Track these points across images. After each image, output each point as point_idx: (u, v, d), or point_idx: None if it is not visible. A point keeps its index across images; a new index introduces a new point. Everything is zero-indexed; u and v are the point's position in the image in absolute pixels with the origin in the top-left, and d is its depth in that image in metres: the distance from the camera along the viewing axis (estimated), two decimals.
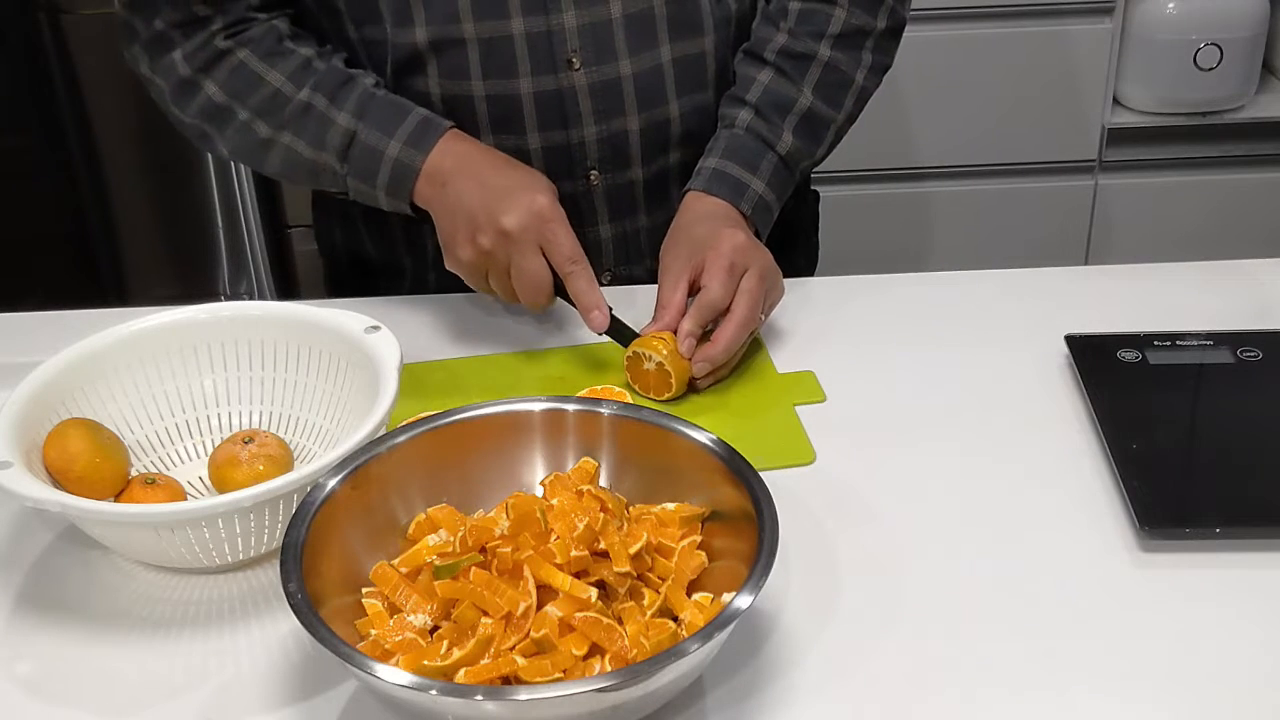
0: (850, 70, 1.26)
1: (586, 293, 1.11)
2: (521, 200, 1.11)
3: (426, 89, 1.20)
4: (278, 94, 1.17)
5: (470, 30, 1.17)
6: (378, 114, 1.16)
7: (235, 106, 1.18)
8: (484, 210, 1.11)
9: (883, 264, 1.49)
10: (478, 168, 1.14)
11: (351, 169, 1.17)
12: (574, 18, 1.18)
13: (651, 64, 1.22)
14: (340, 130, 1.16)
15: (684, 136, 1.26)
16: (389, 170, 1.16)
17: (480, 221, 1.11)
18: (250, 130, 1.18)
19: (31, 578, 0.96)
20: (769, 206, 1.23)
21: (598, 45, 1.20)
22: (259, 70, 1.17)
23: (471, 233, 1.12)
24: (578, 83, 1.20)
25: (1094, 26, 2.25)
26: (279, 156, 1.19)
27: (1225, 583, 0.91)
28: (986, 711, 0.82)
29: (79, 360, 1.02)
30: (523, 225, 1.10)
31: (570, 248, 1.11)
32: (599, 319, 1.11)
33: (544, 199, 1.11)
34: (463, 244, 1.13)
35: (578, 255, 1.11)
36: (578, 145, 1.23)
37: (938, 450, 1.05)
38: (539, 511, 0.84)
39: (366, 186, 1.17)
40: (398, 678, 0.73)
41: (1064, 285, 1.28)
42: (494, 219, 1.10)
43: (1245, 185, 2.38)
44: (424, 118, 1.17)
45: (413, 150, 1.15)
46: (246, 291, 2.47)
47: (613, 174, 1.26)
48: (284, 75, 1.17)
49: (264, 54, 1.18)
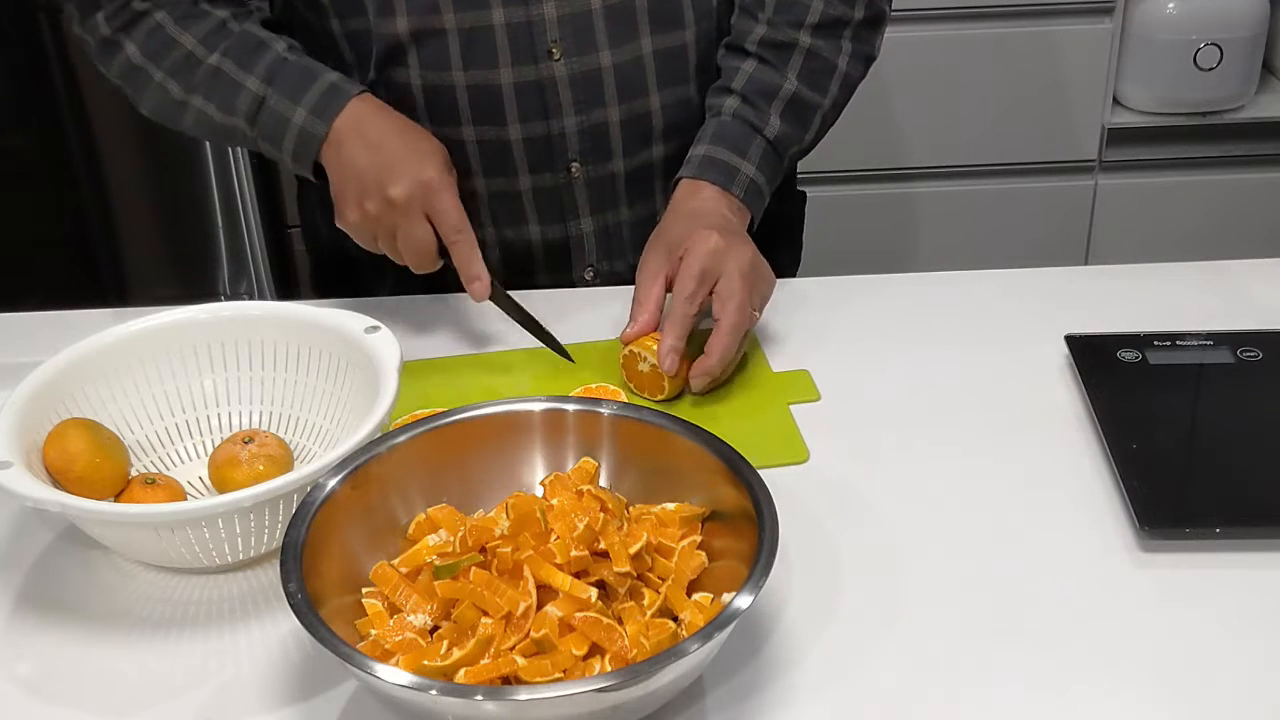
0: (832, 57, 1.26)
1: (469, 262, 1.14)
2: (409, 169, 1.13)
3: (408, 80, 1.21)
4: (190, 56, 1.19)
5: (451, 20, 1.18)
6: (286, 80, 1.18)
7: (150, 68, 1.20)
8: (373, 176, 1.13)
9: (883, 264, 1.49)
10: (374, 133, 1.16)
11: (259, 133, 1.19)
12: (554, 8, 1.19)
13: (632, 55, 1.23)
14: (249, 95, 1.18)
15: (665, 130, 1.27)
16: (294, 137, 1.17)
17: (369, 187, 1.14)
18: (165, 91, 1.20)
19: (31, 578, 0.96)
20: (760, 190, 1.23)
21: (578, 36, 1.20)
22: (173, 33, 1.19)
23: (359, 197, 1.14)
24: (558, 73, 1.21)
25: (1094, 26, 2.25)
26: (191, 118, 1.21)
27: (1225, 583, 0.91)
28: (986, 711, 0.82)
29: (79, 360, 1.02)
30: (409, 194, 1.12)
31: (456, 217, 1.13)
32: (480, 288, 1.14)
33: (431, 169, 1.13)
34: (351, 207, 1.15)
35: (463, 225, 1.14)
36: (558, 136, 1.24)
37: (937, 450, 1.05)
38: (539, 511, 0.84)
39: (274, 150, 1.19)
40: (398, 678, 0.73)
41: (1064, 285, 1.28)
42: (381, 186, 1.13)
43: (1245, 185, 2.38)
44: (330, 84, 1.17)
45: (316, 119, 1.16)
46: (246, 291, 2.47)
47: (594, 166, 1.26)
48: (196, 38, 1.19)
49: (179, 16, 1.19)
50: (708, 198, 1.20)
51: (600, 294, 1.26)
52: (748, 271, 1.12)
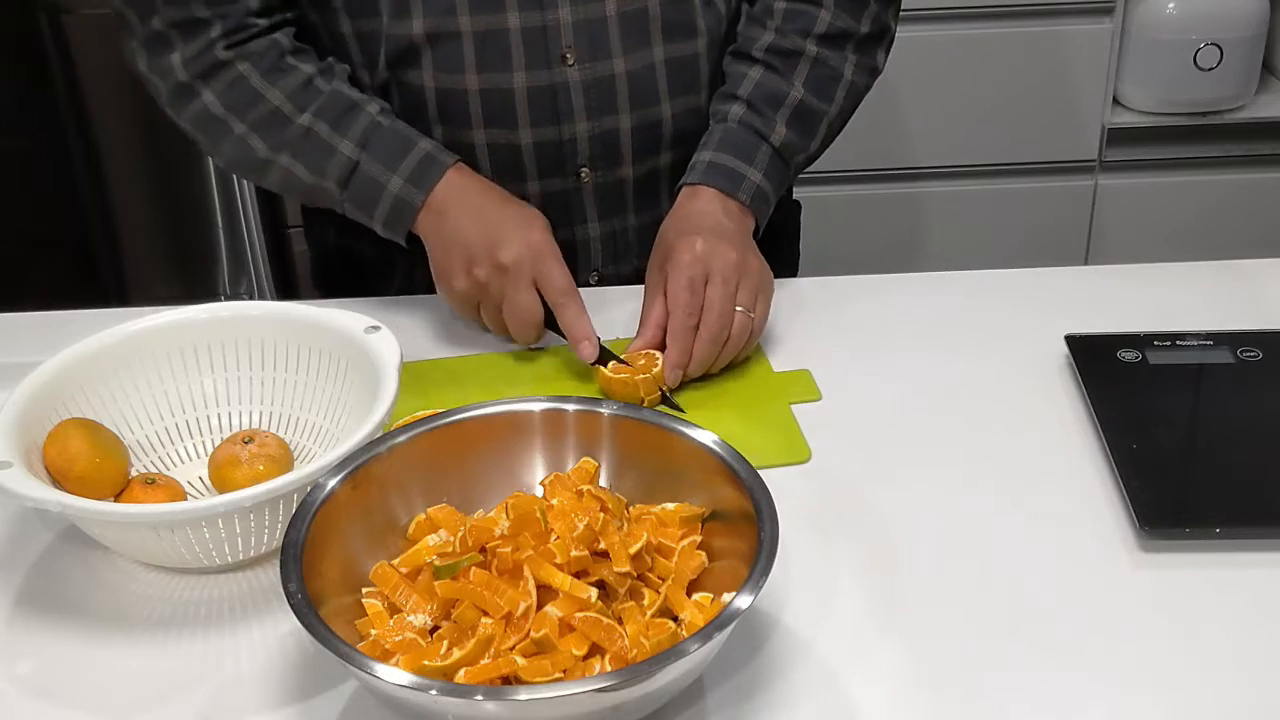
0: (839, 66, 1.27)
1: (577, 325, 1.14)
2: (518, 235, 1.13)
3: (421, 81, 1.21)
4: (277, 112, 1.18)
5: (466, 23, 1.18)
6: (381, 146, 1.17)
7: (232, 121, 1.18)
8: (481, 243, 1.13)
9: (882, 264, 1.49)
10: (476, 201, 1.16)
11: (350, 197, 1.19)
12: (569, 13, 1.19)
13: (644, 63, 1.23)
14: (342, 160, 1.17)
15: (675, 137, 1.27)
16: (388, 205, 1.17)
17: (477, 254, 1.13)
18: (247, 145, 1.19)
19: (31, 578, 0.96)
20: (766, 196, 1.23)
21: (592, 42, 1.20)
22: (259, 87, 1.17)
23: (468, 264, 1.14)
24: (571, 79, 1.21)
25: (1094, 26, 2.25)
26: (277, 175, 1.20)
27: (1225, 583, 0.91)
28: (986, 711, 0.82)
29: (79, 360, 1.02)
30: (518, 259, 1.13)
31: (564, 282, 1.14)
32: (589, 350, 1.13)
33: (539, 235, 1.14)
34: (458, 274, 1.15)
35: (570, 289, 1.14)
36: (569, 141, 1.24)
37: (937, 450, 1.05)
38: (539, 511, 0.84)
39: (364, 215, 1.19)
40: (398, 678, 0.73)
41: (1064, 285, 1.28)
42: (491, 252, 1.13)
43: (1245, 185, 2.38)
44: (426, 154, 1.18)
45: (414, 188, 1.17)
46: (246, 291, 2.47)
47: (604, 171, 1.26)
48: (284, 94, 1.18)
49: (265, 70, 1.18)
50: (704, 201, 1.20)
51: (606, 294, 1.26)
52: (731, 274, 1.12)
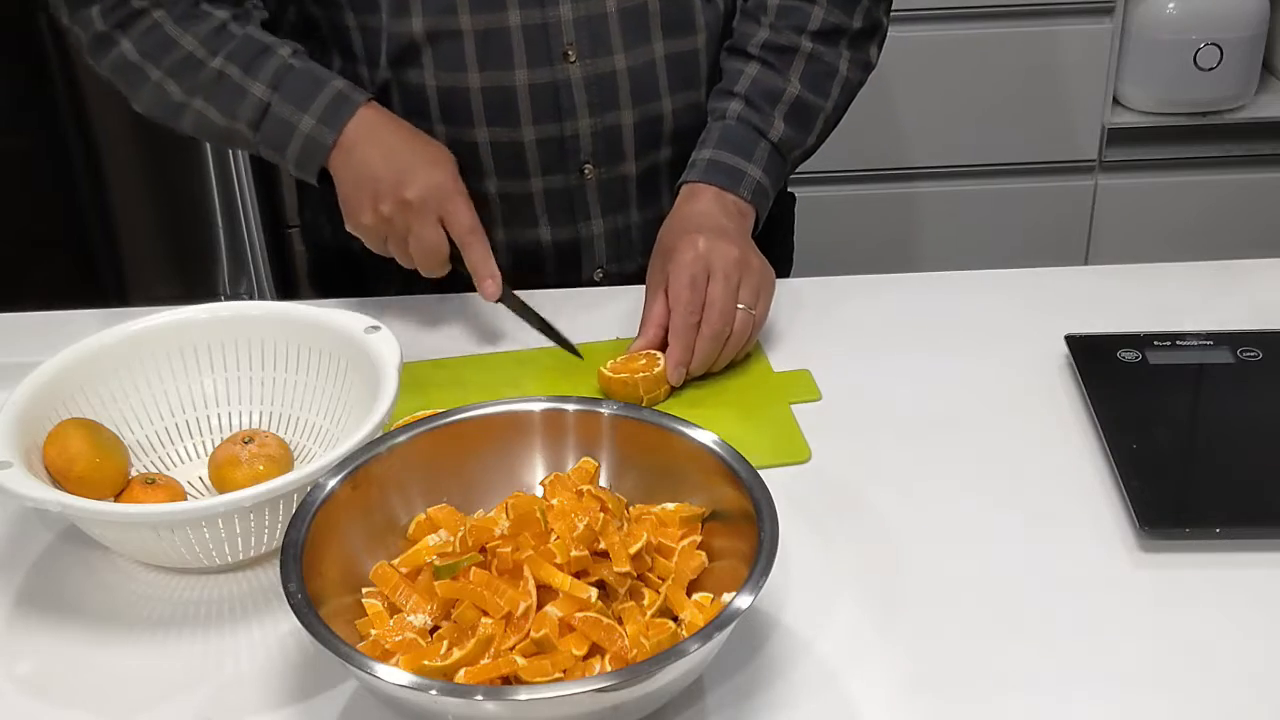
0: (834, 62, 1.27)
1: (482, 262, 1.16)
2: (423, 173, 1.15)
3: (422, 80, 1.21)
4: (190, 57, 1.19)
5: (467, 22, 1.18)
6: (292, 87, 1.18)
7: (148, 67, 1.20)
8: (388, 179, 1.15)
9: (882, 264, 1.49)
10: (386, 138, 1.17)
11: (262, 139, 1.19)
12: (570, 10, 1.19)
13: (645, 59, 1.23)
14: (254, 101, 1.18)
15: (676, 133, 1.27)
16: (300, 144, 1.18)
17: (383, 190, 1.15)
18: (163, 91, 1.20)
19: (31, 578, 0.96)
20: (766, 192, 1.24)
21: (593, 38, 1.21)
22: (172, 33, 1.19)
23: (374, 200, 1.15)
24: (573, 75, 1.21)
25: (1094, 26, 2.25)
26: (191, 119, 1.21)
27: (1225, 583, 0.91)
28: (986, 711, 0.82)
29: (79, 360, 1.02)
30: (423, 197, 1.14)
31: (469, 220, 1.15)
32: (491, 288, 1.15)
33: (445, 173, 1.16)
34: (365, 209, 1.16)
35: (475, 227, 1.15)
36: (572, 138, 1.24)
37: (937, 450, 1.05)
38: (539, 511, 0.84)
39: (277, 156, 1.20)
40: (398, 678, 0.73)
41: (1064, 285, 1.28)
42: (396, 189, 1.14)
43: (1245, 185, 2.38)
44: (338, 92, 1.18)
45: (325, 127, 1.17)
46: (246, 291, 2.47)
47: (606, 167, 1.26)
48: (197, 40, 1.19)
49: (179, 17, 1.19)
50: (704, 201, 1.20)
51: (609, 293, 1.26)
52: (732, 271, 1.13)
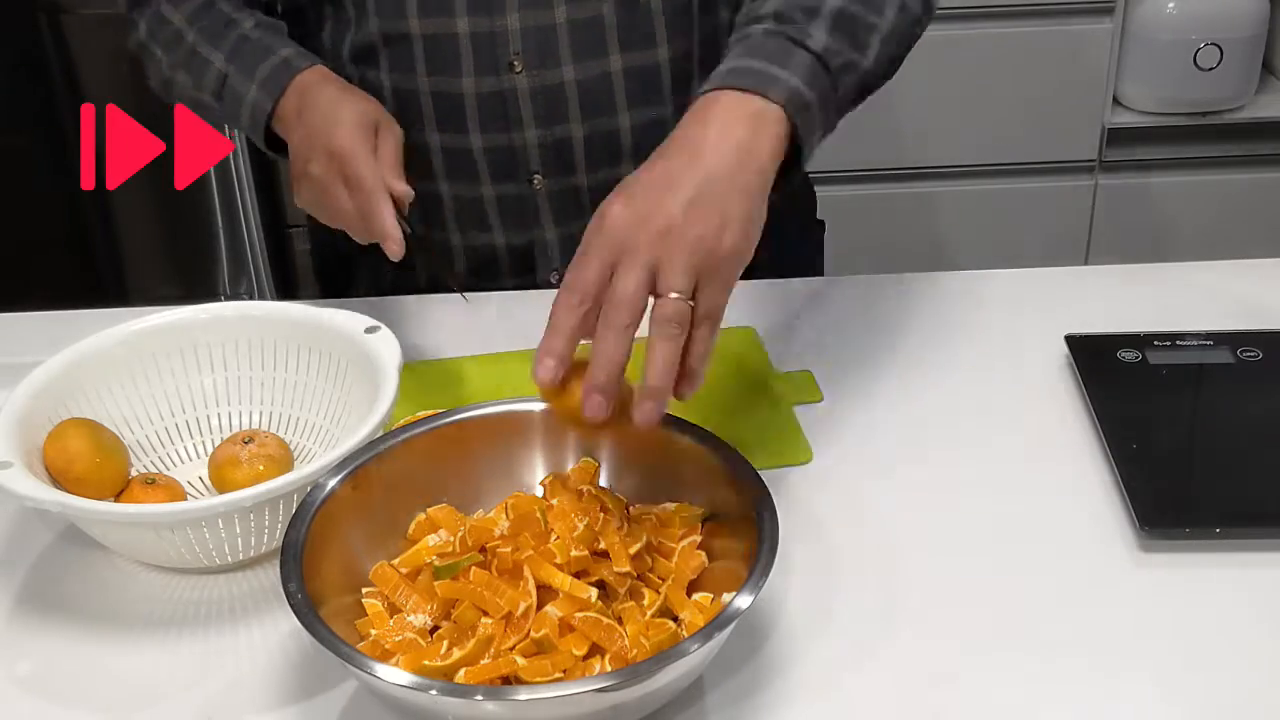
0: None
1: (380, 225, 1.04)
2: (320, 142, 1.09)
3: (379, 81, 1.22)
4: (178, 33, 1.22)
5: (416, 26, 1.19)
6: (245, 58, 1.19)
7: (151, 45, 1.25)
8: (298, 157, 1.12)
9: (882, 264, 1.48)
10: (305, 108, 1.13)
11: (224, 110, 1.20)
12: (517, 20, 1.18)
13: (598, 71, 1.21)
14: (215, 72, 1.19)
15: (636, 149, 1.23)
16: (248, 113, 1.18)
17: (298, 169, 1.13)
18: (160, 67, 1.25)
19: (31, 578, 0.96)
20: (808, 105, 0.92)
21: (540, 49, 1.19)
22: (167, 12, 1.23)
23: (297, 180, 1.13)
24: (519, 85, 1.20)
25: (1094, 26, 2.25)
26: (177, 93, 1.25)
27: (1225, 583, 0.91)
28: (986, 711, 0.82)
29: (79, 360, 1.02)
30: (323, 169, 1.09)
31: (367, 183, 1.05)
32: (394, 248, 1.04)
33: (341, 136, 1.07)
34: (301, 181, 1.13)
35: (373, 187, 1.05)
36: (520, 148, 1.23)
37: (937, 450, 1.05)
38: (539, 512, 0.84)
39: (236, 126, 1.20)
40: (398, 678, 0.73)
41: (1064, 285, 1.28)
42: (303, 166, 1.11)
43: (1245, 185, 2.38)
44: (283, 59, 1.17)
45: (263, 94, 1.16)
46: (246, 291, 2.47)
47: (556, 178, 1.25)
48: (184, 17, 1.22)
49: None
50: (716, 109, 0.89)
51: None
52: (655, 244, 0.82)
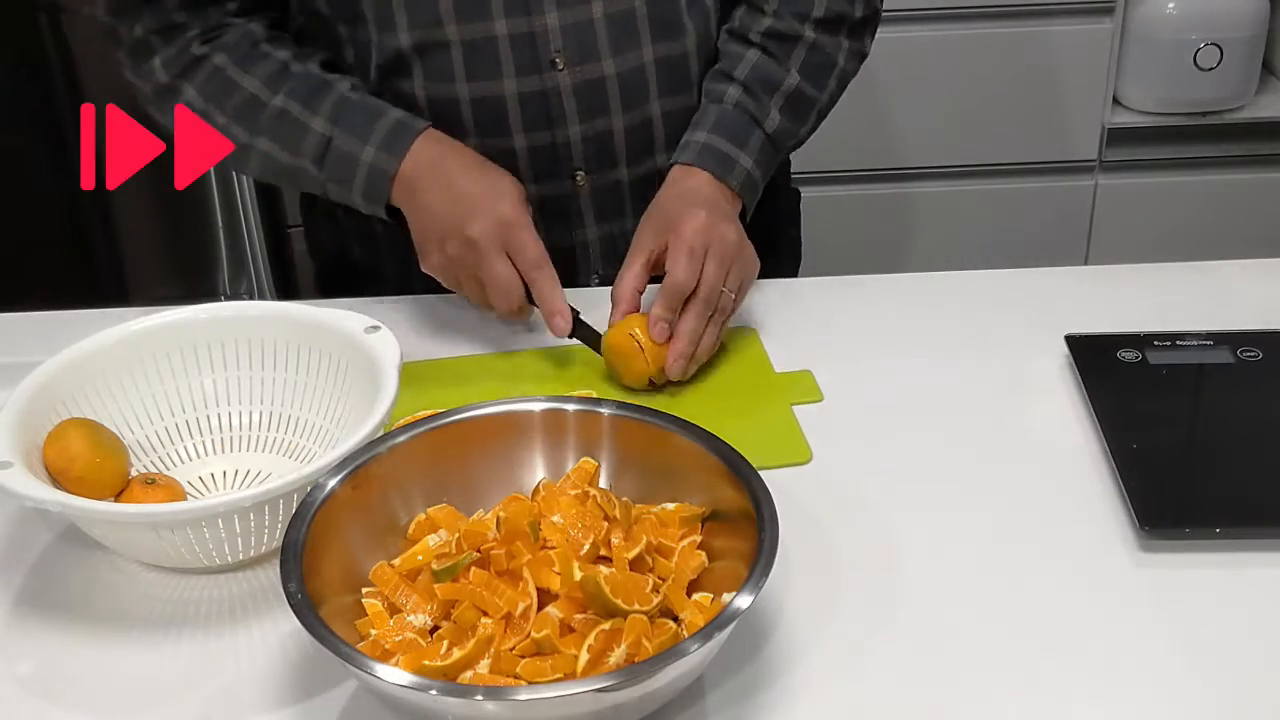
0: (833, 53, 1.27)
1: (550, 298, 1.12)
2: (486, 208, 1.12)
3: (412, 91, 1.21)
4: (254, 99, 1.18)
5: (454, 33, 1.18)
6: (352, 119, 1.17)
7: (212, 111, 1.19)
8: (451, 219, 1.13)
9: (882, 264, 1.49)
10: (446, 173, 1.15)
11: (328, 175, 1.18)
12: (556, 18, 1.19)
13: (634, 64, 1.22)
14: (316, 136, 1.17)
15: (668, 138, 1.26)
16: (364, 176, 1.17)
17: (447, 230, 1.13)
18: (228, 135, 1.19)
19: (31, 578, 0.96)
20: (755, 184, 1.24)
21: (581, 45, 1.20)
22: (234, 76, 1.18)
23: (440, 241, 1.14)
24: (562, 83, 1.21)
25: (1094, 26, 2.25)
26: (258, 161, 1.21)
27: (1225, 583, 0.91)
28: (986, 711, 0.82)
29: (79, 360, 1.02)
30: (487, 234, 1.11)
31: (535, 253, 1.12)
32: (560, 324, 1.12)
33: (508, 205, 1.13)
34: (432, 252, 1.15)
35: (542, 260, 1.12)
36: (563, 145, 1.24)
37: (937, 450, 1.05)
38: (529, 526, 0.84)
39: (344, 191, 1.19)
40: (397, 678, 0.73)
41: (1064, 285, 1.28)
42: (459, 228, 1.12)
43: (1245, 185, 2.37)
44: (397, 121, 1.17)
45: (386, 155, 1.16)
46: (246, 291, 2.46)
47: (599, 174, 1.26)
48: (259, 80, 1.18)
49: (239, 58, 1.19)
50: (702, 182, 1.20)
51: (606, 294, 1.26)
52: (730, 253, 1.13)
